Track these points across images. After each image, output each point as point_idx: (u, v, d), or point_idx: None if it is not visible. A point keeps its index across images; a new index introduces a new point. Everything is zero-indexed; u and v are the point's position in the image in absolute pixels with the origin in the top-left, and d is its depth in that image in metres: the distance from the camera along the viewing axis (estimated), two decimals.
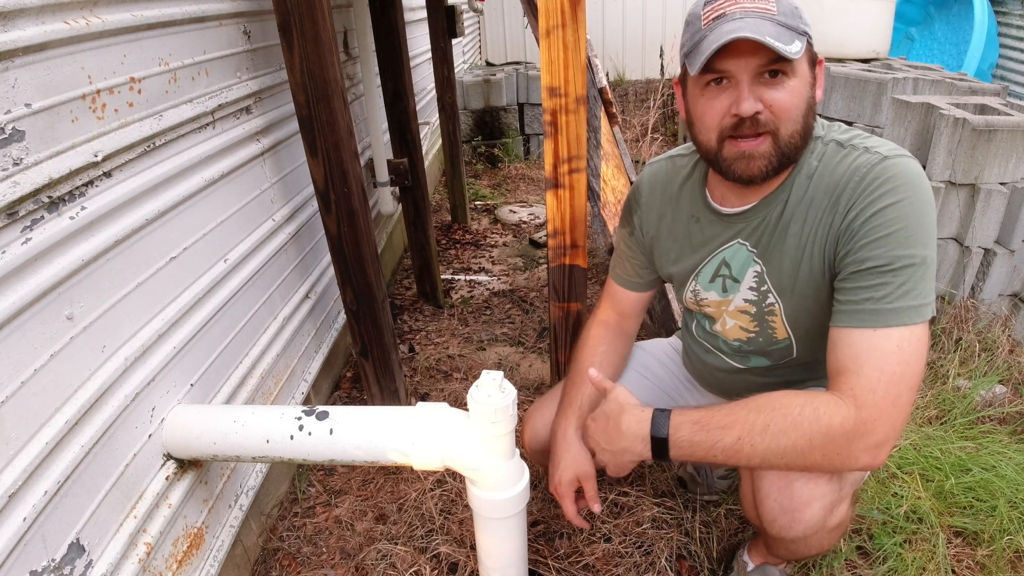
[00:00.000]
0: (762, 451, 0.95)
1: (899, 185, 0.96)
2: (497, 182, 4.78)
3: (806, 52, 0.97)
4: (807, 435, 0.92)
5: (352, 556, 1.54)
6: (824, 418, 0.92)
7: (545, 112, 1.47)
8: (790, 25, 0.94)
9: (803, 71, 0.98)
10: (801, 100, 0.98)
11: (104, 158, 1.03)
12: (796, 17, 0.96)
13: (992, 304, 2.32)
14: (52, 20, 0.94)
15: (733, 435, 0.96)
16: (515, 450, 1.15)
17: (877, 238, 0.96)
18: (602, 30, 7.37)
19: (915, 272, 0.94)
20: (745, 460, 0.97)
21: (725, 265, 1.19)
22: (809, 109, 1.00)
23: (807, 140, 1.03)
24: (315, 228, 2.02)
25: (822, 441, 0.92)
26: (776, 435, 0.94)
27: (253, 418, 1.19)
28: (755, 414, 0.96)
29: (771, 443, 0.94)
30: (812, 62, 1.00)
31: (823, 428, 0.92)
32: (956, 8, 5.60)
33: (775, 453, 0.95)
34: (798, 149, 1.02)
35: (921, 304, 0.94)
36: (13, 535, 0.85)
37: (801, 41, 0.94)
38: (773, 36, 0.91)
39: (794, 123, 0.98)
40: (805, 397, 0.96)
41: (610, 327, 1.42)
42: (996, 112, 2.32)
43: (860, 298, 0.96)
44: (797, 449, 0.93)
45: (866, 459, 0.93)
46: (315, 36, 1.44)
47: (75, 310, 0.99)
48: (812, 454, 0.93)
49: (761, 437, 0.95)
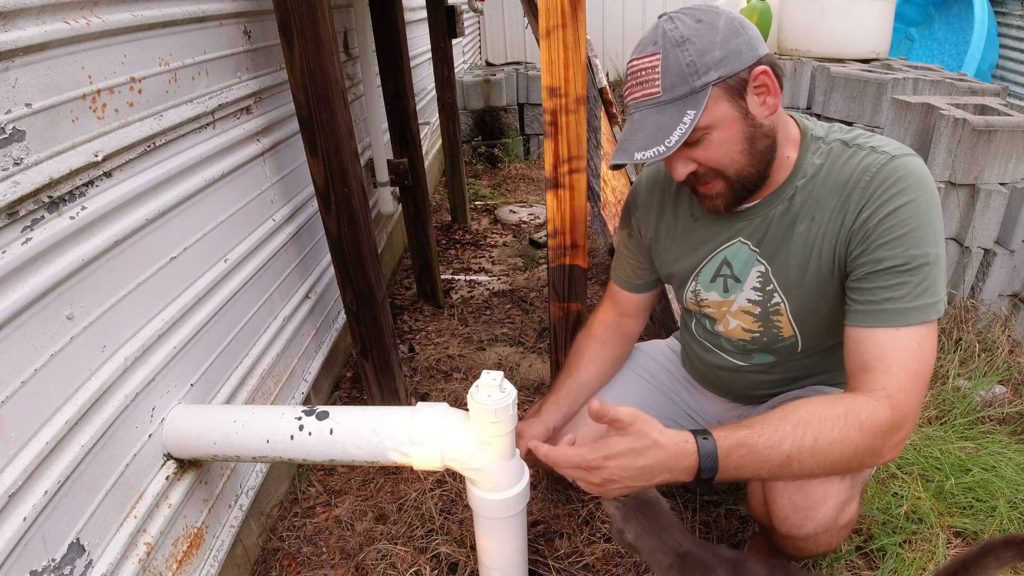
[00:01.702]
0: (810, 466, 0.93)
1: (910, 185, 0.97)
2: (497, 182, 4.78)
3: (718, 95, 0.96)
4: (853, 445, 0.92)
5: (352, 556, 1.54)
6: (867, 424, 0.92)
7: (545, 112, 1.47)
8: (678, 96, 0.96)
9: (722, 116, 0.98)
10: (731, 142, 1.00)
11: (104, 158, 1.03)
12: (688, 77, 0.95)
13: (992, 304, 2.32)
14: (52, 20, 0.94)
15: (782, 454, 0.92)
16: (515, 450, 1.15)
17: (893, 238, 0.97)
18: (602, 30, 7.38)
19: (931, 270, 0.96)
20: (788, 476, 0.96)
21: (726, 265, 1.19)
22: (750, 139, 1.01)
23: (763, 164, 1.04)
24: (315, 228, 2.02)
25: (866, 447, 0.92)
26: (824, 448, 0.91)
27: (253, 418, 1.19)
28: (801, 429, 0.92)
29: (820, 458, 0.92)
30: (738, 90, 0.98)
31: (867, 435, 0.91)
32: (956, 8, 5.60)
33: (822, 466, 0.93)
34: (755, 176, 1.04)
35: (938, 301, 0.97)
36: (13, 535, 0.85)
37: (696, 104, 0.95)
38: (645, 143, 0.97)
39: (734, 163, 1.02)
40: (844, 405, 0.93)
41: (608, 326, 1.43)
42: (996, 112, 2.32)
43: (880, 298, 0.98)
44: (843, 459, 0.92)
45: (891, 455, 0.96)
46: (315, 36, 1.44)
47: (75, 310, 0.99)
48: (854, 460, 0.93)
49: (810, 453, 0.91)
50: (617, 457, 0.93)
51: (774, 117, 1.02)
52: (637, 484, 0.95)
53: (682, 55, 0.95)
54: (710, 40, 0.95)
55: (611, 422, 0.95)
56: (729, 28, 0.96)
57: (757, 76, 0.98)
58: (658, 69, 0.97)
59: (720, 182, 1.05)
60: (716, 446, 0.92)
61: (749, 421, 0.95)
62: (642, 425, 0.94)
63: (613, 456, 0.93)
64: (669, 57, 0.96)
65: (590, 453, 0.94)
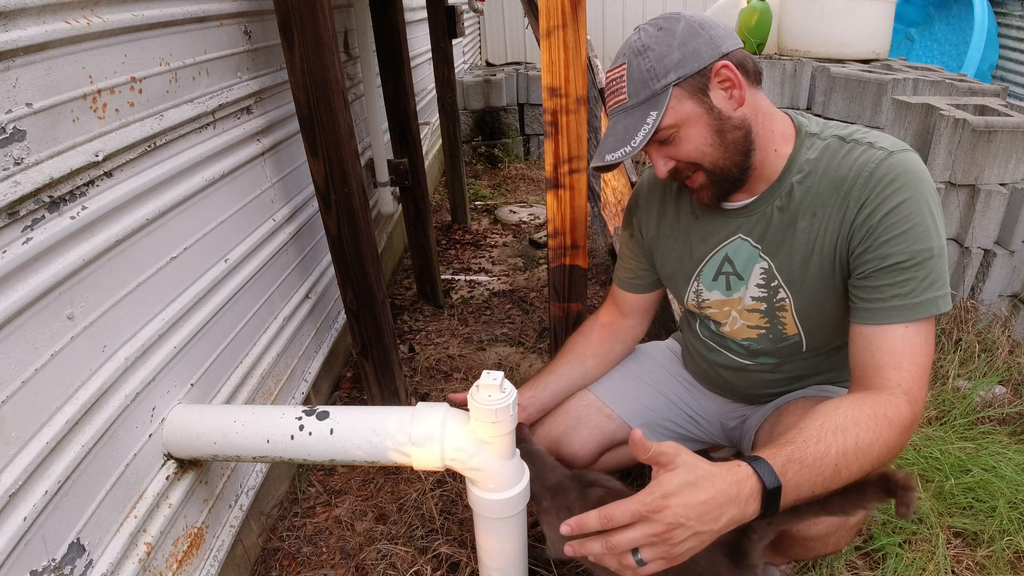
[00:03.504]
0: (855, 470, 0.89)
1: (909, 181, 0.99)
2: (497, 182, 4.77)
3: (680, 95, 1.02)
4: (887, 443, 0.91)
5: (352, 556, 1.54)
6: (894, 422, 0.92)
7: (546, 112, 1.47)
8: (641, 100, 1.03)
9: (687, 114, 1.03)
10: (701, 136, 1.05)
11: (105, 158, 1.03)
12: (649, 81, 1.02)
13: (992, 305, 2.32)
14: (53, 20, 0.94)
15: (831, 464, 0.87)
16: (515, 450, 1.15)
17: (896, 235, 0.98)
18: (602, 30, 7.38)
19: (935, 264, 0.98)
20: (836, 486, 0.89)
21: (728, 262, 1.19)
22: (720, 132, 1.05)
23: (738, 155, 1.07)
24: (315, 228, 2.02)
25: (896, 444, 0.92)
26: (864, 450, 0.89)
27: (253, 418, 1.19)
28: (841, 436, 0.89)
29: (862, 460, 0.89)
30: (701, 88, 1.02)
31: (896, 432, 0.92)
32: (956, 9, 5.60)
33: (863, 468, 0.90)
34: (735, 167, 1.08)
35: (945, 293, 0.99)
36: (13, 535, 0.85)
37: (658, 105, 1.01)
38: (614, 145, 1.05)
39: (706, 156, 1.06)
40: (871, 406, 0.93)
41: (601, 324, 1.45)
42: (996, 113, 2.32)
43: (888, 295, 0.99)
44: (880, 457, 0.91)
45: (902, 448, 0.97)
46: (316, 36, 1.44)
47: (76, 310, 0.99)
48: (887, 458, 0.92)
49: (855, 456, 0.88)
50: (676, 494, 0.81)
51: (745, 109, 1.05)
52: (705, 528, 0.82)
53: (643, 62, 1.02)
54: (668, 45, 1.02)
55: (654, 458, 0.85)
56: (687, 31, 1.02)
57: (718, 71, 1.02)
58: (624, 78, 1.05)
59: (701, 175, 1.10)
60: (770, 464, 0.86)
61: (786, 439, 0.90)
62: (688, 456, 0.85)
63: (671, 493, 0.81)
64: (632, 66, 1.04)
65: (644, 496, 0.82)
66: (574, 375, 1.44)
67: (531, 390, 1.42)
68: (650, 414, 1.45)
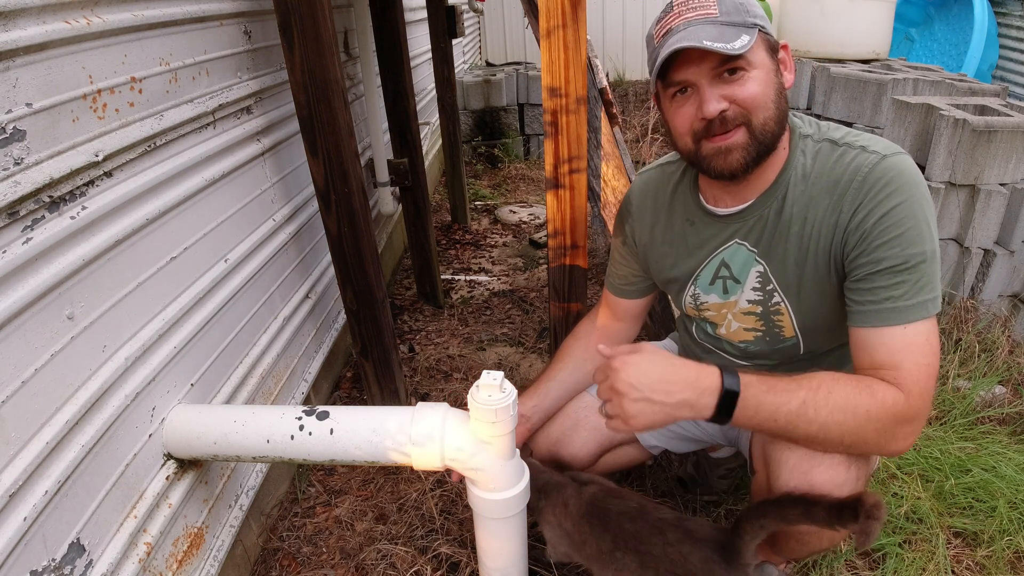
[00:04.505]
0: (824, 417, 0.94)
1: (902, 184, 0.99)
2: (497, 182, 4.78)
3: (761, 42, 0.99)
4: (865, 408, 0.94)
5: (352, 556, 1.54)
6: (879, 395, 0.94)
7: (546, 112, 1.47)
8: (735, 22, 0.98)
9: (761, 60, 1.00)
10: (767, 87, 1.00)
11: (105, 158, 1.03)
12: (742, 12, 0.99)
13: (992, 305, 2.32)
14: (53, 20, 0.94)
15: (798, 399, 0.95)
16: (515, 450, 1.15)
17: (890, 239, 0.98)
18: (602, 30, 7.38)
19: (928, 267, 0.98)
20: (802, 429, 0.96)
21: (724, 266, 1.19)
22: (779, 95, 1.02)
23: (782, 125, 1.05)
24: (315, 228, 2.02)
25: (877, 415, 0.94)
26: (838, 403, 0.94)
27: (253, 418, 1.19)
28: (816, 383, 0.95)
29: (833, 411, 0.94)
30: (773, 49, 1.02)
31: (878, 403, 0.94)
32: (956, 9, 5.60)
33: (835, 423, 0.94)
34: (774, 135, 1.03)
35: (936, 296, 0.99)
36: (14, 535, 0.85)
37: (750, 34, 0.97)
38: (714, 38, 0.95)
39: (765, 110, 1.01)
40: (859, 378, 0.97)
41: (600, 329, 1.45)
42: (996, 113, 2.33)
43: (882, 297, 0.99)
44: (857, 420, 0.94)
45: (904, 444, 0.98)
46: (316, 36, 1.44)
47: (76, 310, 0.99)
48: (867, 427, 0.95)
49: (825, 404, 0.94)
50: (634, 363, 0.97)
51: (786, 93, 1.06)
52: (656, 399, 0.95)
53: None
54: None
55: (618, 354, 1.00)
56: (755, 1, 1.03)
57: (784, 47, 1.04)
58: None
59: (743, 131, 1.02)
60: (738, 374, 0.96)
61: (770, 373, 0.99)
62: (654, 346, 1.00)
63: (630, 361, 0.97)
64: None
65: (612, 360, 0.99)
66: (573, 380, 1.44)
67: (533, 399, 1.41)
68: None
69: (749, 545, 1.01)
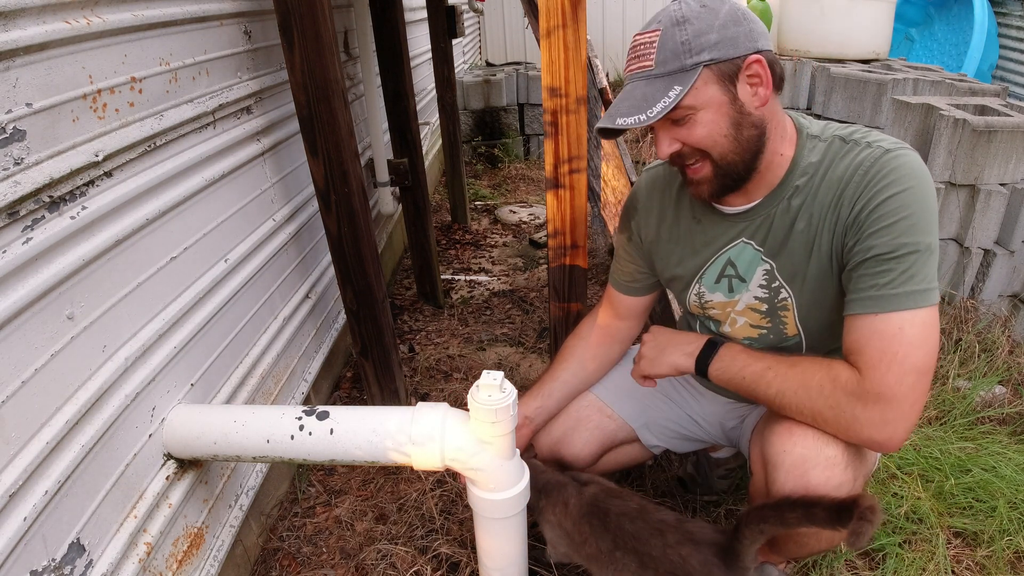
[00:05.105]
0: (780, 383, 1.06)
1: (902, 176, 0.98)
2: (497, 182, 4.78)
3: (708, 79, 0.98)
4: (818, 381, 1.02)
5: (352, 556, 1.54)
6: (833, 371, 1.01)
7: (546, 112, 1.47)
8: (669, 71, 0.99)
9: (708, 99, 0.99)
10: (716, 124, 1.01)
11: (105, 158, 1.03)
12: (682, 55, 0.98)
13: (992, 305, 2.32)
14: (53, 20, 0.94)
15: (764, 364, 1.09)
16: (515, 450, 1.15)
17: (882, 227, 0.98)
18: (602, 30, 7.38)
19: (918, 259, 0.96)
20: (762, 391, 1.08)
21: (731, 265, 1.19)
22: (735, 126, 1.02)
23: (748, 154, 1.05)
24: (315, 228, 2.02)
25: (829, 390, 1.00)
26: (796, 375, 1.05)
27: (253, 418, 1.19)
28: (787, 357, 1.10)
29: (788, 379, 1.06)
30: (730, 77, 0.99)
31: (831, 379, 1.01)
32: (956, 9, 5.61)
33: (790, 389, 1.05)
34: (742, 163, 1.05)
35: (925, 289, 0.96)
36: (13, 535, 0.85)
37: (684, 81, 0.97)
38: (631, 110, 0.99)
39: (717, 145, 1.03)
40: (826, 359, 1.06)
41: (598, 327, 1.44)
42: (996, 113, 2.33)
43: (865, 285, 0.99)
44: (808, 392, 1.03)
45: (871, 432, 0.98)
46: (316, 36, 1.44)
47: (76, 310, 0.99)
48: (819, 401, 1.02)
49: (786, 373, 1.06)
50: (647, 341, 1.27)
51: (765, 110, 1.03)
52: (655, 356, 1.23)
53: (679, 33, 0.98)
54: (708, 23, 0.98)
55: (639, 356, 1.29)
56: (730, 16, 0.99)
57: (750, 65, 0.99)
58: (655, 44, 1.00)
59: (706, 165, 1.06)
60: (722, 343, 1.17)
61: None
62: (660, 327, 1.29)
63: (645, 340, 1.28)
64: (667, 34, 0.99)
65: None
66: (576, 380, 1.44)
67: (537, 400, 1.41)
68: (650, 414, 1.45)
69: (749, 549, 1.01)
